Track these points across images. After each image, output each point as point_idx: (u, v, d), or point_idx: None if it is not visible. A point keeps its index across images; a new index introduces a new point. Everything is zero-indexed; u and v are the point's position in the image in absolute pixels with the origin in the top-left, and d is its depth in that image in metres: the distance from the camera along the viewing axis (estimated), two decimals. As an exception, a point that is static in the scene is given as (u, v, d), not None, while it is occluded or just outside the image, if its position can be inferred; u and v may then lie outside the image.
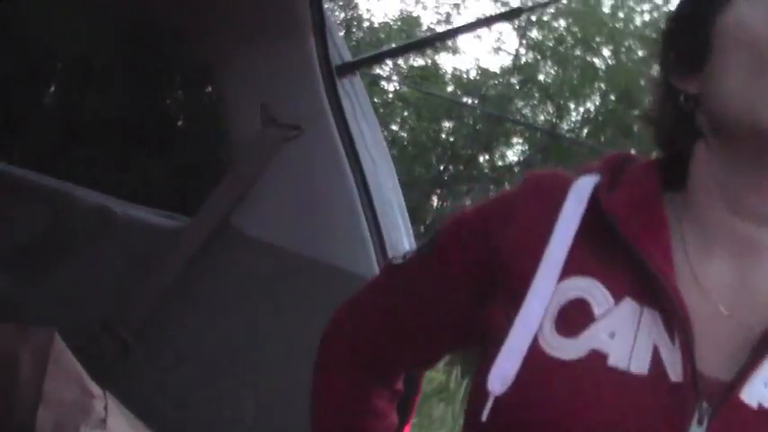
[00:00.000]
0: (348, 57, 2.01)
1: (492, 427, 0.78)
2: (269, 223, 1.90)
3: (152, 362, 1.94)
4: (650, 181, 0.86)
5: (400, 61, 15.60)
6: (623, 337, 0.77)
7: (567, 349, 0.77)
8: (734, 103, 0.77)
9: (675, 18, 0.87)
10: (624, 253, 0.81)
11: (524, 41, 15.80)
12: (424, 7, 18.11)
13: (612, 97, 14.06)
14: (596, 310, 0.79)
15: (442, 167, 14.69)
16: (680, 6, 0.88)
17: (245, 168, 1.96)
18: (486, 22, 1.92)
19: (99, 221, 2.10)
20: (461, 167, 14.57)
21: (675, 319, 0.76)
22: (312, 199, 1.87)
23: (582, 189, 0.86)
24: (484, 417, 0.78)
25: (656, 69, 0.90)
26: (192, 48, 2.37)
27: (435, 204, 14.30)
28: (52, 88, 5.74)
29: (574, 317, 0.79)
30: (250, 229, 1.92)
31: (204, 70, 2.18)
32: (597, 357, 0.76)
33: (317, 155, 1.88)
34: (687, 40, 0.84)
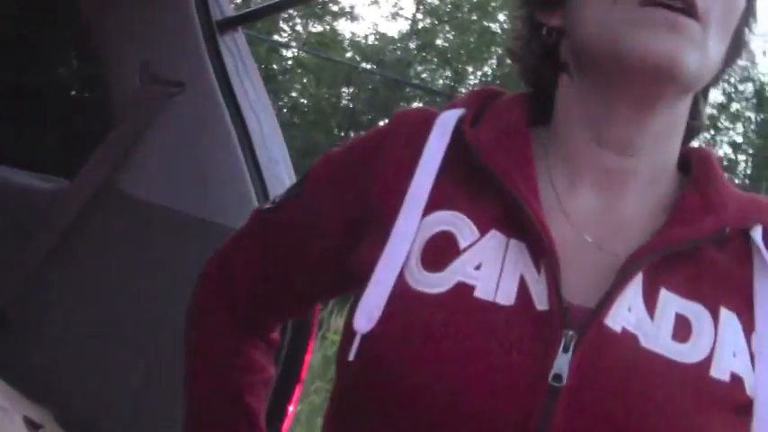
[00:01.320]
0: (230, 12, 1.96)
1: (359, 365, 0.77)
2: (151, 183, 1.86)
3: (32, 329, 1.88)
4: (516, 113, 0.86)
5: (299, 27, 15.45)
6: (489, 268, 0.77)
7: (433, 283, 0.77)
8: (594, 33, 0.79)
9: None
10: (489, 185, 0.81)
11: (421, 7, 15.85)
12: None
13: (509, 61, 14.26)
14: (462, 243, 0.79)
15: (342, 134, 14.66)
16: None
17: (126, 128, 1.90)
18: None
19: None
20: (362, 133, 14.57)
21: (541, 250, 0.77)
22: (195, 157, 1.83)
23: (446, 122, 0.86)
24: (351, 356, 0.77)
25: (518, 3, 0.91)
26: (71, 6, 2.28)
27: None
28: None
29: (440, 250, 0.79)
30: (132, 189, 1.87)
31: (83, 29, 2.10)
32: (463, 289, 0.76)
33: (200, 113, 1.84)
34: None
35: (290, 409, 1.68)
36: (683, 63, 0.76)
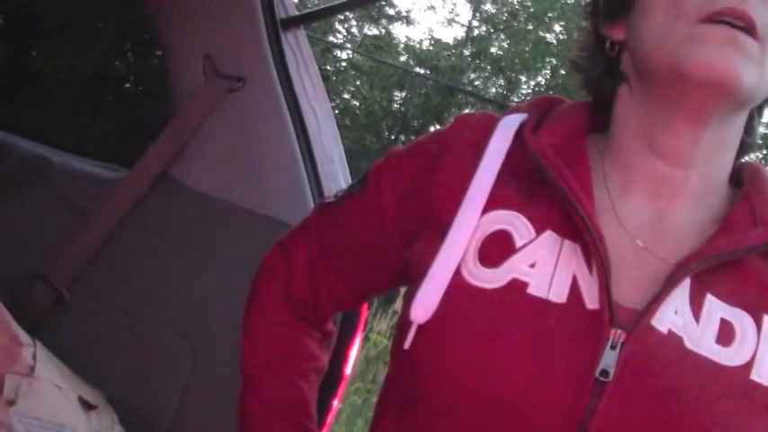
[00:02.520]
0: (293, 11, 1.99)
1: (415, 354, 0.81)
2: (209, 174, 1.89)
3: (88, 313, 1.93)
4: (576, 120, 0.90)
5: (354, 29, 15.53)
6: (543, 267, 0.80)
7: (489, 278, 0.80)
8: (654, 46, 0.82)
9: None
10: (547, 188, 0.84)
11: (478, 14, 15.83)
12: (380, -28, 18.00)
13: (563, 71, 14.18)
14: (518, 242, 0.82)
15: (393, 137, 14.70)
16: None
17: (186, 120, 1.94)
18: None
19: (36, 170, 2.07)
20: (412, 137, 14.60)
21: (594, 251, 0.79)
22: (253, 151, 1.86)
23: (508, 126, 0.89)
24: (407, 345, 0.80)
25: (585, 17, 0.94)
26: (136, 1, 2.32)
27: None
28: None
29: (496, 248, 0.82)
30: (190, 180, 1.91)
31: (147, 23, 2.15)
32: (517, 286, 0.79)
33: (260, 107, 1.87)
34: None
35: (335, 403, 1.70)
36: (741, 79, 0.78)
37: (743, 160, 0.93)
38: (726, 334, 0.78)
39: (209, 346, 1.80)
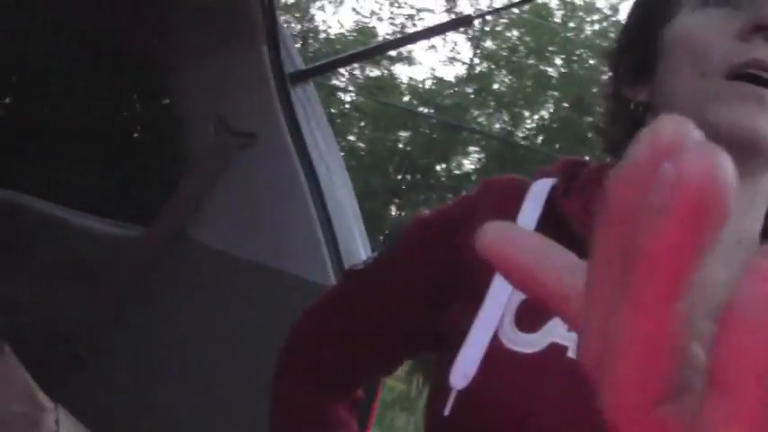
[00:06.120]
0: (301, 65, 2.02)
1: (455, 421, 0.80)
2: (224, 232, 1.90)
3: (105, 372, 1.93)
4: (602, 184, 0.89)
5: (357, 72, 15.65)
6: None
7: (528, 343, 0.80)
8: (680, 105, 0.82)
9: (625, 33, 0.93)
10: (580, 252, 0.83)
11: (478, 51, 15.94)
12: (380, 19, 18.20)
13: (566, 105, 14.23)
14: None
15: (399, 177, 14.74)
16: (628, 23, 0.93)
17: (199, 177, 1.95)
18: (437, 30, 1.95)
19: (52, 231, 2.08)
20: (419, 177, 14.63)
21: None
22: (266, 207, 1.87)
23: (538, 192, 0.90)
24: (446, 411, 0.80)
25: (605, 81, 0.95)
26: (148, 59, 2.35)
27: (393, 214, 14.34)
28: (7, 99, 5.66)
29: (533, 312, 0.82)
30: (205, 238, 1.92)
31: (159, 81, 2.17)
32: (556, 350, 0.79)
33: (271, 163, 1.89)
34: (637, 53, 0.89)
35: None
36: (766, 136, 0.78)
37: None
38: None
39: (229, 405, 1.79)
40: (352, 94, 15.77)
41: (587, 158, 0.96)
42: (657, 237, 0.24)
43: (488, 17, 14.83)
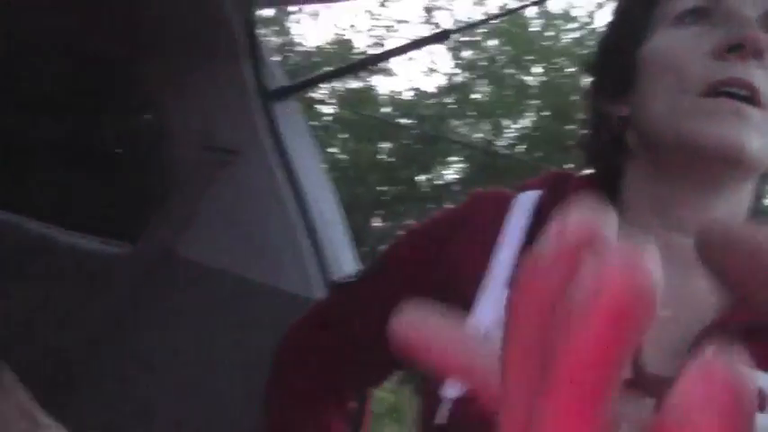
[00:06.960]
0: (283, 81, 2.04)
1: (448, 428, 0.83)
2: (209, 247, 1.92)
3: (98, 392, 1.94)
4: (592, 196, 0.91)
5: (336, 84, 15.64)
6: None
7: None
8: (660, 120, 0.85)
9: (602, 51, 0.96)
10: None
11: (457, 62, 15.98)
12: (358, 31, 18.18)
13: (546, 113, 14.28)
14: None
15: (384, 188, 14.73)
16: (605, 41, 0.96)
17: (183, 195, 1.97)
18: (417, 44, 1.98)
19: (40, 251, 2.09)
20: (401, 188, 14.61)
21: None
22: (251, 222, 1.89)
23: (524, 204, 0.92)
24: (439, 420, 0.83)
25: (585, 94, 0.97)
26: (130, 74, 2.37)
27: (376, 225, 14.32)
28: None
29: None
30: (191, 254, 1.93)
31: (142, 97, 2.19)
32: None
33: (255, 178, 1.91)
34: (615, 70, 0.92)
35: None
36: (747, 150, 0.80)
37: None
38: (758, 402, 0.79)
39: (223, 422, 1.80)
40: (333, 107, 15.78)
41: (572, 169, 0.98)
42: (576, 345, 0.22)
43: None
